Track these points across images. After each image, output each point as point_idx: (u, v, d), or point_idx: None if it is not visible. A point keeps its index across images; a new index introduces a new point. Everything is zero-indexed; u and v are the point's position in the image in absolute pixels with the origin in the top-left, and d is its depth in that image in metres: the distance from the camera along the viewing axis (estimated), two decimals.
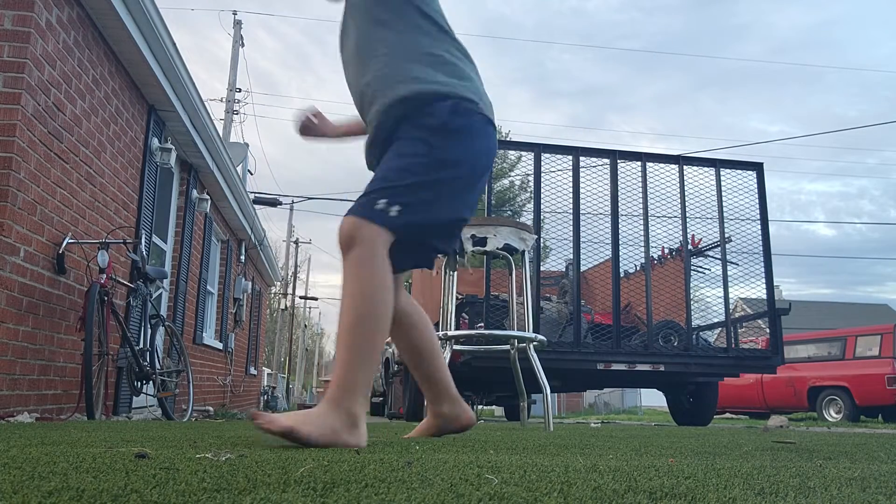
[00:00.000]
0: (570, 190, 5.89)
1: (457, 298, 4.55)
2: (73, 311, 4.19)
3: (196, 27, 76.91)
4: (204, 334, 8.34)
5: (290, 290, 31.50)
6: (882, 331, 10.63)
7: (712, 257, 6.19)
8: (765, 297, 6.08)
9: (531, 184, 6.08)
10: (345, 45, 1.89)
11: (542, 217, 5.87)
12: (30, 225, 3.66)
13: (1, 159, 3.44)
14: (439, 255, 1.90)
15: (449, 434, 2.09)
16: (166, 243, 6.72)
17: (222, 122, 16.02)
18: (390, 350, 8.82)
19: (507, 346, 3.44)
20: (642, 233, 5.96)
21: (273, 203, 16.18)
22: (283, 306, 31.97)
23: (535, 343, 3.19)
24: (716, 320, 6.33)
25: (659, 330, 6.08)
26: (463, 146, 1.69)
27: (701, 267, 6.25)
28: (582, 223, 5.87)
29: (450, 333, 3.11)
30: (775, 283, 6.24)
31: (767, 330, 6.28)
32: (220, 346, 9.39)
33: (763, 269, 6.08)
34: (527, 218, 7.89)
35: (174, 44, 5.15)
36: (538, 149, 6.00)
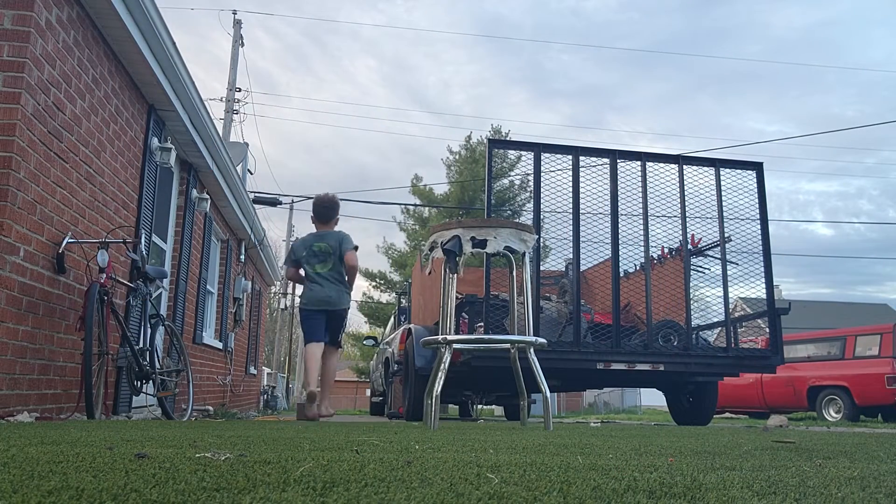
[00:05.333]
0: (570, 189, 5.88)
1: (456, 298, 4.55)
2: (72, 311, 4.19)
3: (196, 27, 76.81)
4: (204, 334, 8.34)
5: (290, 290, 31.46)
6: (882, 330, 10.63)
7: (712, 257, 6.18)
8: (764, 296, 6.07)
9: (531, 183, 6.08)
10: None
11: (541, 217, 5.86)
12: (29, 224, 3.66)
13: (1, 158, 3.44)
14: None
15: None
16: (166, 243, 6.72)
17: (222, 121, 16.02)
18: (390, 350, 8.81)
19: (507, 346, 3.46)
20: (642, 232, 5.96)
21: (273, 203, 16.18)
22: (283, 306, 31.93)
23: (534, 346, 3.19)
24: (715, 320, 6.32)
25: (659, 329, 6.08)
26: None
27: (701, 267, 6.24)
28: (582, 223, 5.86)
29: (449, 338, 3.10)
30: (775, 283, 6.23)
31: (767, 329, 6.28)
32: (219, 345, 9.38)
33: (763, 269, 6.08)
34: (526, 217, 7.89)
35: (174, 43, 5.15)
36: (538, 148, 5.99)
